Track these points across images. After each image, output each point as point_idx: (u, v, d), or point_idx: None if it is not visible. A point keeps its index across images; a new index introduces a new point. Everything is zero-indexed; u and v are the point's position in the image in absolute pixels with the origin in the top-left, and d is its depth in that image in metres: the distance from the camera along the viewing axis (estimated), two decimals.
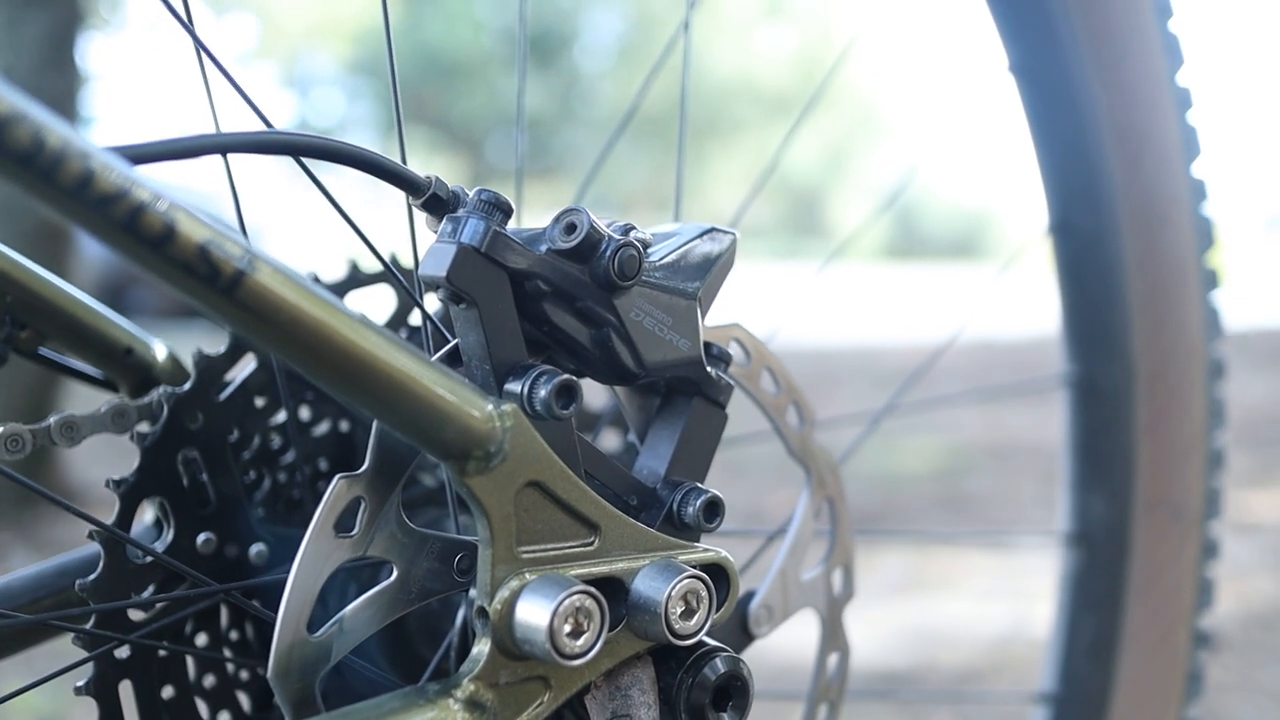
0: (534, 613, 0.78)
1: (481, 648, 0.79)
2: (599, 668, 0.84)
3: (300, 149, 0.78)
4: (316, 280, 1.02)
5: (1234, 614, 4.02)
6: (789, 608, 1.03)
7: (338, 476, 0.78)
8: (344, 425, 1.09)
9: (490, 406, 0.77)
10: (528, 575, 0.80)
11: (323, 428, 1.08)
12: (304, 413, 1.07)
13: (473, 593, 0.81)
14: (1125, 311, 1.48)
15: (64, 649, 0.94)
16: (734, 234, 0.93)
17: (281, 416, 1.05)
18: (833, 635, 1.08)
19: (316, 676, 0.78)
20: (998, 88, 1.47)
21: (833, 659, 1.08)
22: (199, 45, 0.89)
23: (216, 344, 1.01)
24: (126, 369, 1.07)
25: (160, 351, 1.09)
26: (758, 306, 1.01)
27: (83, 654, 0.92)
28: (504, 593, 0.79)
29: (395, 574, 0.81)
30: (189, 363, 1.10)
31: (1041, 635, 3.98)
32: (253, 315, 0.66)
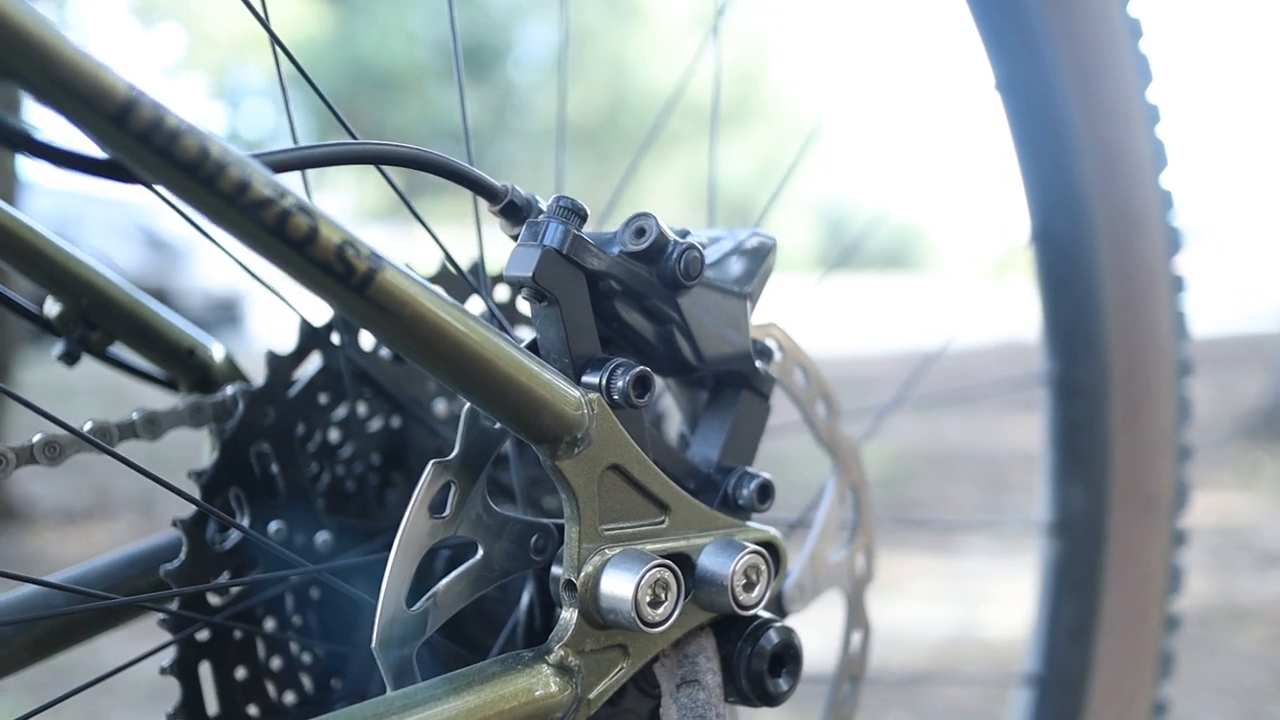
0: (619, 584, 0.85)
1: (569, 616, 0.86)
2: (670, 637, 0.91)
3: (402, 160, 0.84)
4: None
5: None
6: (818, 587, 1.11)
7: (432, 462, 0.84)
8: (395, 421, 1.14)
9: (579, 395, 0.84)
10: (608, 551, 0.87)
11: (377, 424, 1.14)
12: (360, 409, 1.13)
13: (555, 569, 0.88)
14: (1101, 314, 1.58)
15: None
16: (775, 239, 1.00)
17: (340, 413, 1.10)
18: (856, 614, 1.15)
19: (415, 647, 0.84)
20: (982, 104, 1.56)
21: (856, 637, 1.16)
22: (277, 45, 0.95)
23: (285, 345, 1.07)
24: (188, 369, 1.12)
25: (219, 352, 1.14)
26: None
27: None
28: (589, 568, 0.86)
29: (480, 553, 0.87)
30: (242, 364, 1.16)
31: (989, 636, 4.11)
32: (380, 311, 0.73)
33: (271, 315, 15.10)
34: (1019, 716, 1.67)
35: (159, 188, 0.68)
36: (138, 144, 0.63)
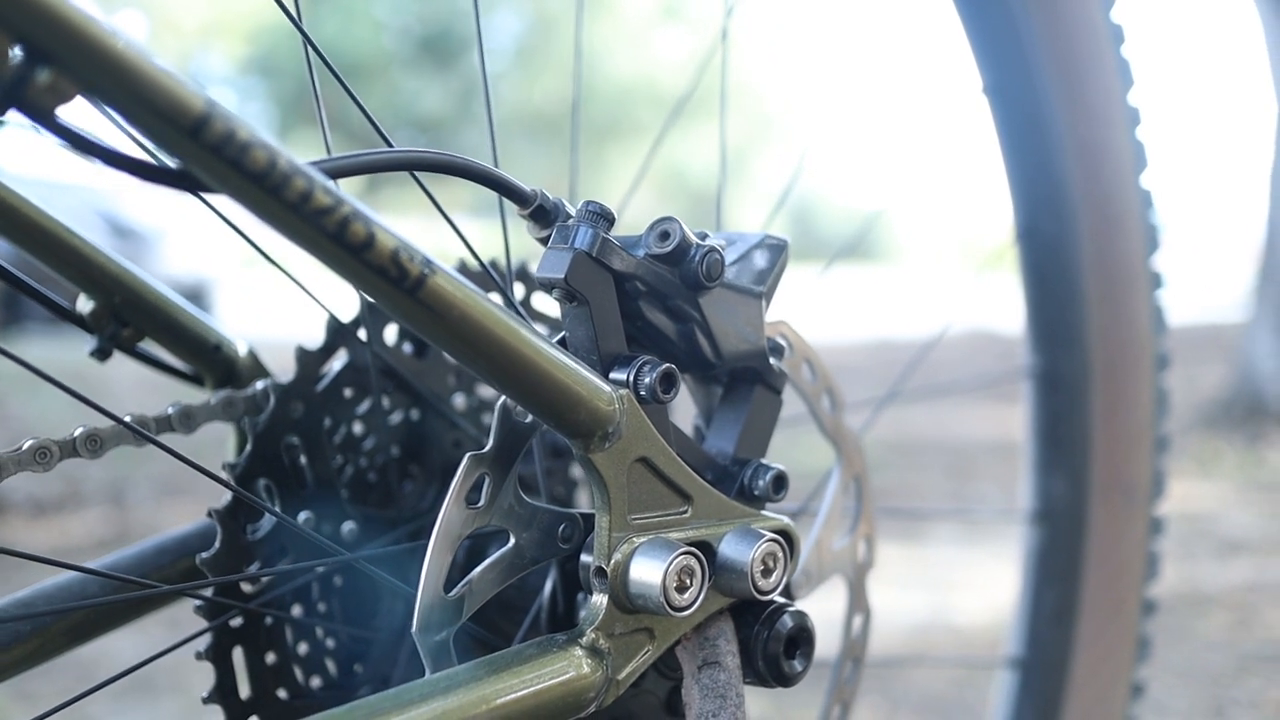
0: (647, 571, 0.89)
1: (600, 601, 0.90)
2: (693, 621, 0.95)
3: (444, 167, 0.88)
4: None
5: None
6: (823, 573, 1.15)
7: (468, 454, 0.88)
8: (414, 414, 1.18)
9: (611, 391, 0.88)
10: (636, 539, 0.91)
11: (397, 417, 1.17)
12: (384, 403, 1.16)
13: (585, 557, 0.92)
14: (1083, 309, 1.63)
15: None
16: (787, 240, 1.05)
17: (363, 407, 1.14)
18: (858, 599, 1.20)
19: (452, 632, 0.88)
20: (971, 108, 1.61)
21: (857, 620, 1.21)
22: (310, 46, 0.99)
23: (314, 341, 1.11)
24: (214, 364, 1.16)
25: (243, 348, 1.18)
26: None
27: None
28: (618, 555, 0.90)
29: (511, 542, 0.92)
30: (263, 359, 1.19)
31: (959, 622, 4.17)
32: (430, 313, 0.77)
33: (238, 305, 15.02)
34: (1003, 698, 1.73)
35: (211, 198, 0.71)
36: (211, 156, 0.66)
